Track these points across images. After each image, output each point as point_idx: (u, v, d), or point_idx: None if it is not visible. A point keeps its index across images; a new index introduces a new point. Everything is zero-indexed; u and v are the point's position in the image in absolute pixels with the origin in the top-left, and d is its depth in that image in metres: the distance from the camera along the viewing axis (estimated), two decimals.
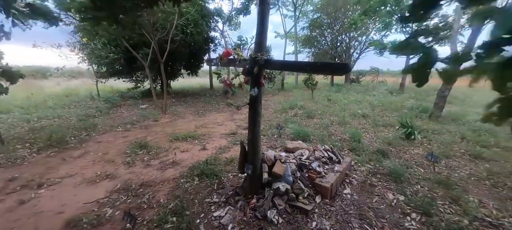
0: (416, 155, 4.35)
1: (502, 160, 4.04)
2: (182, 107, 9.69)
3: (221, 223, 2.41)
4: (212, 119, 7.75)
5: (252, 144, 2.77)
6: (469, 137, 5.17)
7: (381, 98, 10.93)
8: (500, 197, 2.98)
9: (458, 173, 3.65)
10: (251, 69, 2.66)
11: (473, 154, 4.31)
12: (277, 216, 2.44)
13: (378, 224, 2.46)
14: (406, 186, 3.19)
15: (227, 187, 3.16)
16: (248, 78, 2.83)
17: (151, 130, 6.30)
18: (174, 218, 2.54)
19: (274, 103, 11.14)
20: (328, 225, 2.39)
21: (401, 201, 2.85)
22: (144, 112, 8.22)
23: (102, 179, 3.51)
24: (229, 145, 5.02)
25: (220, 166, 3.85)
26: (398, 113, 7.47)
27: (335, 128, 6.20)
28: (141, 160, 4.25)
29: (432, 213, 2.57)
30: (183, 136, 5.56)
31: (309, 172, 2.95)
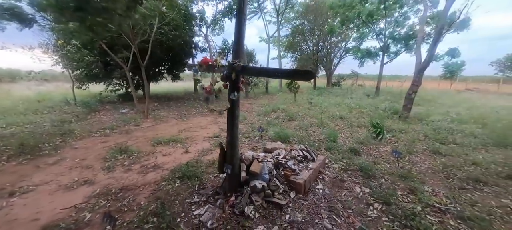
0: (384, 152, 4.77)
1: (456, 155, 4.57)
2: (165, 111, 9.59)
3: (201, 220, 2.54)
4: (195, 123, 7.79)
5: (231, 145, 2.94)
6: (430, 135, 5.74)
7: (358, 101, 11.61)
8: (450, 186, 3.41)
9: (418, 167, 4.08)
10: (229, 75, 2.83)
11: (432, 150, 4.82)
12: (254, 211, 2.61)
13: (345, 214, 2.73)
14: (372, 180, 3.53)
15: (208, 187, 3.28)
16: (227, 83, 3.01)
17: (132, 135, 6.21)
18: (155, 218, 2.62)
19: (258, 106, 11.38)
20: (300, 217, 2.61)
21: (367, 193, 3.16)
22: (124, 117, 8.04)
23: (79, 185, 3.46)
24: (211, 148, 5.13)
25: (202, 168, 3.95)
26: (373, 115, 8.03)
27: (314, 129, 6.54)
28: (121, 165, 4.22)
29: (392, 202, 2.90)
30: (166, 140, 5.58)
31: (285, 170, 3.17)
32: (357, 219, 2.63)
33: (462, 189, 3.33)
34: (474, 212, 2.76)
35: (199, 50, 13.93)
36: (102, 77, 10.55)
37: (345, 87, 21.45)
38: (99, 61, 9.04)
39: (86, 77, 10.35)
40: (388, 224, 2.55)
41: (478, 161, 4.19)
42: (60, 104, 9.78)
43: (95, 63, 8.97)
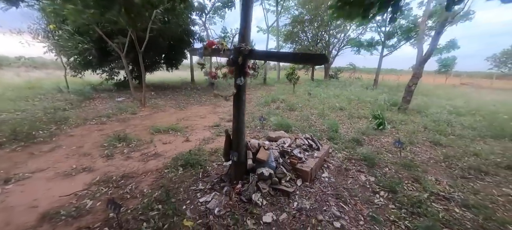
0: (385, 143, 4.79)
1: (456, 146, 4.62)
2: (162, 100, 9.38)
3: (208, 207, 2.48)
4: (194, 112, 7.65)
5: (237, 132, 2.85)
6: (430, 126, 5.79)
7: (357, 93, 11.62)
8: (452, 176, 3.45)
9: (420, 157, 4.11)
10: (235, 59, 2.71)
11: (433, 141, 4.86)
12: (261, 199, 2.57)
13: (352, 201, 2.72)
14: (376, 169, 3.54)
15: (212, 175, 3.22)
16: (232, 68, 2.89)
17: (129, 123, 6.05)
18: (159, 205, 2.55)
19: (256, 97, 11.26)
20: (308, 204, 2.59)
21: (372, 182, 3.16)
22: (120, 105, 7.83)
23: (78, 172, 3.35)
24: (212, 136, 5.04)
25: (204, 156, 3.88)
26: (372, 107, 8.05)
27: (315, 119, 6.51)
28: (120, 153, 4.11)
29: (397, 190, 2.91)
30: (165, 128, 5.46)
31: (291, 158, 3.13)
32: (364, 207, 2.63)
33: (464, 178, 3.37)
34: (477, 200, 2.80)
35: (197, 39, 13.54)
36: (97, 65, 10.17)
37: (342, 80, 21.45)
38: (93, 49, 8.65)
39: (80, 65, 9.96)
40: (395, 211, 2.56)
41: (477, 151, 4.26)
42: (52, 92, 9.44)
43: (89, 51, 8.59)
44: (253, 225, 2.26)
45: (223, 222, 2.29)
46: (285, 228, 2.25)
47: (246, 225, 2.24)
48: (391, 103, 8.44)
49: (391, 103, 8.44)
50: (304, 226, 2.28)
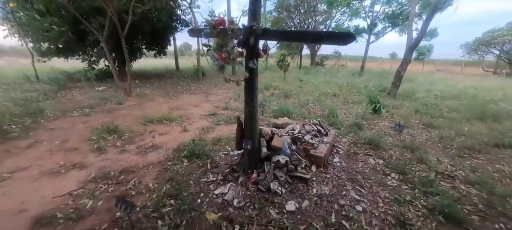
0: (383, 126, 4.92)
1: (447, 127, 4.88)
2: (148, 89, 8.78)
3: (225, 199, 2.34)
4: (185, 101, 7.27)
5: (250, 119, 2.68)
6: (420, 110, 6.07)
7: (345, 79, 11.85)
8: (450, 155, 3.63)
9: (418, 139, 4.28)
10: (246, 40, 2.49)
11: (426, 123, 5.09)
12: (280, 187, 2.48)
13: (367, 184, 2.74)
14: (382, 152, 3.61)
15: (221, 166, 3.05)
16: (242, 51, 2.67)
17: (116, 114, 5.57)
18: (171, 200, 2.35)
19: None
20: (327, 190, 2.55)
21: (381, 164, 3.22)
22: (102, 95, 7.18)
23: (68, 170, 2.99)
24: (212, 126, 4.81)
25: (208, 146, 3.67)
26: (364, 92, 8.24)
27: (312, 105, 6.51)
28: (113, 146, 3.75)
29: (407, 172, 2.98)
30: (158, 118, 5.10)
31: (304, 144, 3.05)
32: (379, 189, 2.66)
33: (461, 157, 3.56)
34: (478, 177, 2.96)
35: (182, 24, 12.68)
36: (72, 50, 9.11)
37: (328, 67, 21.78)
38: (69, 32, 7.67)
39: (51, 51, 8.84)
40: (409, 191, 2.62)
41: (466, 132, 4.53)
42: (18, 82, 8.38)
43: (64, 34, 7.59)
44: (276, 214, 2.17)
45: (245, 214, 2.17)
46: (309, 216, 2.19)
47: (270, 215, 2.14)
48: (381, 89, 8.71)
49: (381, 89, 8.71)
50: (328, 212, 2.24)
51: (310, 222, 2.10)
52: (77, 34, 8.27)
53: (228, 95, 8.35)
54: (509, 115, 5.57)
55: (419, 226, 2.10)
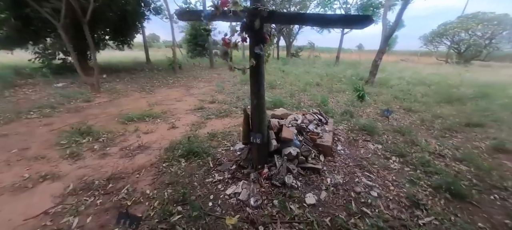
0: (370, 113, 5.14)
1: (424, 111, 5.31)
2: (119, 84, 7.86)
3: (240, 199, 2.14)
4: (165, 95, 6.67)
5: (258, 110, 2.48)
6: (399, 96, 6.51)
7: (323, 69, 12.22)
8: (435, 136, 3.93)
9: (403, 123, 4.56)
10: (250, 24, 2.26)
11: (405, 108, 5.47)
12: (294, 180, 2.36)
13: (374, 169, 2.79)
14: (377, 137, 3.74)
15: (225, 163, 2.81)
16: (245, 36, 2.43)
17: (86, 113, 4.83)
18: (178, 207, 2.07)
19: (228, 76, 10.63)
20: (340, 178, 2.52)
21: (381, 149, 3.32)
22: (63, 92, 6.19)
23: (37, 183, 2.45)
24: (202, 120, 4.47)
25: (204, 143, 3.37)
26: (345, 81, 8.56)
27: (300, 95, 6.52)
28: (90, 150, 3.21)
29: (405, 154, 3.13)
30: (138, 116, 4.56)
31: (309, 134, 2.97)
32: (386, 173, 2.73)
33: (443, 137, 3.89)
34: (462, 154, 3.24)
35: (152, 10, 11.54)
36: (19, 41, 7.57)
37: (303, 58, 22.27)
38: (11, 18, 6.28)
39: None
40: (411, 172, 2.74)
41: (441, 114, 4.98)
42: None
43: (6, 22, 6.19)
44: (298, 209, 2.06)
45: (264, 212, 2.01)
46: (331, 207, 2.12)
47: (291, 212, 2.02)
48: (359, 77, 9.15)
49: (359, 77, 9.15)
50: (347, 201, 2.20)
51: (333, 214, 2.03)
52: (22, 20, 6.89)
53: (210, 88, 7.92)
54: (469, 97, 6.29)
55: (430, 204, 2.19)
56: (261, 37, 2.36)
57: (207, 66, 14.28)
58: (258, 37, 2.34)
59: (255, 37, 2.35)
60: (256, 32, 2.31)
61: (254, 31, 2.30)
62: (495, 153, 3.30)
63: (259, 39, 2.35)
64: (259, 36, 2.34)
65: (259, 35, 2.34)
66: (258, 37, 2.34)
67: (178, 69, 11.08)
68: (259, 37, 2.35)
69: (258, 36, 2.34)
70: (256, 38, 2.35)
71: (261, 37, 2.36)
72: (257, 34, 2.34)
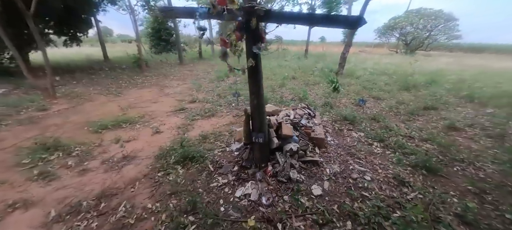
0: (346, 103, 5.59)
1: (389, 98, 5.99)
2: (78, 86, 6.90)
3: (252, 200, 2.15)
4: (137, 97, 6.13)
5: (258, 110, 2.49)
6: (367, 86, 7.18)
7: (295, 63, 12.67)
8: (402, 120, 4.49)
9: (374, 110, 5.08)
10: (247, 23, 2.24)
11: (374, 96, 6.09)
12: (299, 174, 2.48)
13: (362, 156, 3.08)
14: (358, 125, 4.11)
15: (226, 165, 2.77)
16: (242, 34, 2.40)
17: (44, 124, 4.16)
18: (190, 217, 1.99)
19: (202, 73, 10.25)
20: (337, 168, 2.73)
21: (363, 137, 3.67)
22: (6, 100, 5.19)
23: (5, 214, 2.06)
24: (188, 122, 4.27)
25: (197, 147, 3.25)
26: (318, 74, 9.04)
27: (280, 90, 6.69)
28: (64, 167, 2.81)
29: (384, 139, 3.52)
30: (111, 122, 4.13)
31: (304, 128, 3.11)
32: (372, 158, 3.05)
33: (409, 121, 4.47)
34: (426, 134, 3.79)
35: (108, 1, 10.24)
36: None
37: (272, 52, 22.67)
38: None
39: None
40: (392, 155, 3.11)
41: (403, 100, 5.70)
42: None
43: None
44: (307, 201, 2.17)
45: (278, 209, 2.07)
46: (335, 194, 2.29)
47: (302, 205, 2.12)
48: (329, 70, 9.77)
49: (329, 70, 9.77)
50: (347, 187, 2.40)
51: (339, 201, 2.21)
52: None
53: (186, 86, 7.54)
54: (422, 84, 7.31)
55: (413, 181, 2.54)
56: (258, 36, 2.35)
57: (175, 62, 13.48)
58: (255, 36, 2.33)
59: (253, 37, 2.33)
60: (253, 31, 2.29)
61: (251, 31, 2.27)
62: (449, 131, 3.95)
63: (256, 38, 2.34)
64: (256, 35, 2.33)
65: (256, 34, 2.33)
66: (255, 37, 2.33)
67: (145, 67, 10.20)
68: (256, 36, 2.34)
69: (255, 35, 2.33)
70: (254, 37, 2.33)
71: (258, 36, 2.35)
72: (254, 33, 2.32)
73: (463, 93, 6.25)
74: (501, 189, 2.44)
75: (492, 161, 2.98)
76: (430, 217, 2.02)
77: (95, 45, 22.26)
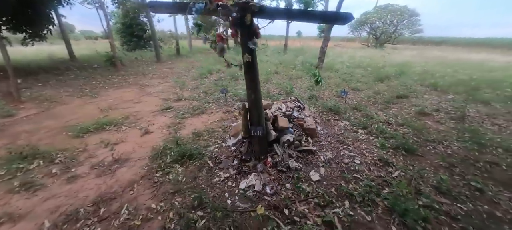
0: (329, 95, 5.91)
1: (366, 89, 6.46)
2: (46, 89, 6.26)
3: (257, 190, 2.25)
4: (116, 98, 5.79)
5: (256, 104, 2.57)
6: (346, 78, 7.64)
7: (275, 57, 12.88)
8: (380, 108, 4.91)
9: (354, 101, 5.46)
10: (241, 19, 2.29)
11: (353, 88, 6.52)
12: (296, 163, 2.62)
13: (349, 142, 3.34)
14: (342, 115, 4.40)
15: (225, 161, 2.81)
16: (236, 30, 2.45)
17: (14, 131, 3.76)
18: (198, 212, 2.02)
19: (182, 70, 9.94)
20: (329, 154, 2.93)
21: (348, 125, 3.96)
22: None
23: None
24: (177, 121, 4.18)
25: (191, 144, 3.23)
26: (300, 68, 9.33)
27: (266, 85, 6.80)
28: (48, 176, 2.62)
29: (367, 126, 3.84)
30: (93, 125, 3.88)
31: (296, 120, 3.26)
32: (358, 143, 3.32)
33: (385, 109, 4.91)
34: (400, 120, 4.22)
35: None
36: None
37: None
38: None
39: None
40: (376, 140, 3.42)
41: (379, 90, 6.20)
42: None
43: None
44: (307, 187, 2.33)
45: (282, 197, 2.20)
46: (332, 178, 2.49)
47: (303, 190, 2.27)
48: (310, 64, 10.15)
49: (310, 64, 10.15)
50: (341, 171, 2.62)
51: (335, 183, 2.40)
52: None
53: (168, 84, 7.28)
54: (393, 75, 7.98)
55: (395, 161, 2.85)
56: (254, 32, 2.41)
57: (152, 60, 12.83)
58: (250, 32, 2.38)
59: (247, 32, 2.38)
60: (248, 27, 2.34)
61: (246, 26, 2.32)
62: (420, 117, 4.44)
63: (251, 34, 2.40)
64: (251, 31, 2.39)
65: (251, 30, 2.38)
66: (250, 32, 2.39)
67: (120, 65, 9.57)
68: (251, 32, 2.39)
69: (250, 31, 2.38)
70: (248, 33, 2.38)
71: (253, 32, 2.41)
72: (249, 29, 2.37)
73: (428, 82, 6.99)
74: (465, 162, 2.86)
75: (457, 140, 3.45)
76: (413, 190, 2.31)
77: (55, 43, 20.16)
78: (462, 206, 2.15)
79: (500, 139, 3.43)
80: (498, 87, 6.12)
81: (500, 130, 3.88)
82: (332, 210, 2.05)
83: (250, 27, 2.34)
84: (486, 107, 4.93)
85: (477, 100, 5.29)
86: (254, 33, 2.41)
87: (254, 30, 2.42)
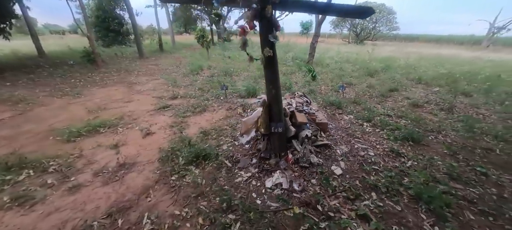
0: (326, 90, 6.01)
1: (360, 83, 6.68)
2: (19, 89, 5.54)
3: (285, 188, 2.19)
4: (103, 97, 5.32)
5: (276, 100, 2.50)
6: (339, 73, 7.83)
7: None
8: (377, 102, 5.11)
9: (351, 95, 5.62)
10: (261, 10, 2.20)
11: (347, 82, 6.70)
12: (317, 158, 2.61)
13: (358, 135, 3.42)
14: (344, 109, 4.49)
15: (243, 159, 2.70)
16: (253, 22, 2.35)
17: None
18: (229, 215, 1.91)
19: (169, 66, 9.47)
20: (344, 148, 2.97)
21: (353, 119, 4.05)
22: None
23: None
24: (180, 120, 3.94)
25: (200, 144, 3.06)
26: (292, 64, 9.38)
27: (262, 81, 6.72)
28: (44, 187, 2.31)
29: (371, 119, 3.96)
30: (84, 128, 3.52)
31: (310, 115, 3.25)
32: (367, 136, 3.41)
33: (382, 102, 5.12)
34: (398, 112, 4.42)
35: None
36: None
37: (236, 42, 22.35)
38: None
39: None
40: (382, 132, 3.54)
41: (371, 85, 6.45)
42: None
43: None
44: (333, 181, 2.33)
45: (310, 193, 2.16)
46: (353, 171, 2.51)
47: (330, 185, 2.26)
48: (300, 59, 10.24)
49: (300, 59, 10.24)
50: (360, 164, 2.66)
51: (357, 176, 2.43)
52: None
53: (158, 82, 6.88)
54: (381, 70, 8.36)
55: (406, 152, 2.97)
56: (274, 24, 2.32)
57: (134, 56, 12.02)
58: (270, 24, 2.29)
59: (268, 25, 2.29)
60: (268, 19, 2.25)
61: (266, 19, 2.23)
62: (414, 108, 4.69)
63: (271, 27, 2.31)
64: (271, 24, 2.30)
65: (271, 23, 2.29)
66: (270, 25, 2.30)
67: (101, 62, 8.80)
68: (271, 25, 2.30)
69: (270, 24, 2.29)
70: (268, 26, 2.29)
71: (273, 25, 2.32)
72: (269, 21, 2.28)
73: (412, 76, 7.43)
74: (466, 149, 3.07)
75: (451, 129, 3.70)
76: (430, 178, 2.42)
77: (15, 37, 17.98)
78: (474, 190, 2.30)
79: (487, 127, 3.74)
80: (474, 81, 6.71)
81: (485, 118, 4.24)
82: (362, 203, 2.06)
83: (270, 19, 2.24)
84: (468, 98, 5.37)
85: (459, 92, 5.74)
86: (274, 26, 2.32)
87: (275, 22, 2.32)
